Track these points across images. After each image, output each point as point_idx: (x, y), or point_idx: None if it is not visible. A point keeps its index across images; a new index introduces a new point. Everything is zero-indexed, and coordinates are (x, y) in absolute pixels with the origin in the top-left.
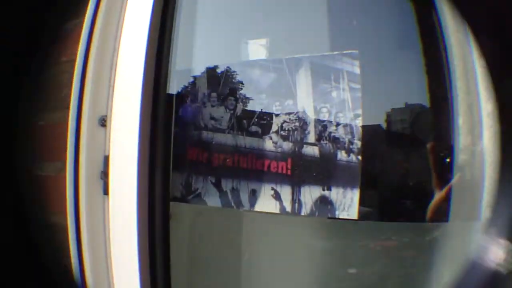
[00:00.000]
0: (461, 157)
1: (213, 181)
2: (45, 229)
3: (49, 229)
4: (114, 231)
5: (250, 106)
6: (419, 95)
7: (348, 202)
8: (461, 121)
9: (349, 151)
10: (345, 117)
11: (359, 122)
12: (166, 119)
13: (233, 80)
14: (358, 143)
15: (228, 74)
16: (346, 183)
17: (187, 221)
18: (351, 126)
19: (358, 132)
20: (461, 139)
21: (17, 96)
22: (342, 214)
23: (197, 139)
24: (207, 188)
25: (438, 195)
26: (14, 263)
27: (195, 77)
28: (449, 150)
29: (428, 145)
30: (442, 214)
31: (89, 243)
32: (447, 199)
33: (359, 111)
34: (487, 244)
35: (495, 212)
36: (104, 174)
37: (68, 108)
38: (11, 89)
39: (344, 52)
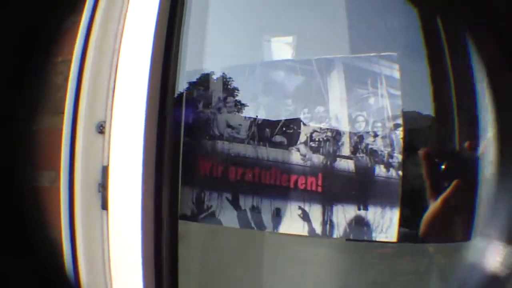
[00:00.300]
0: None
1: (230, 198)
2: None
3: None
4: (114, 250)
5: (274, 113)
6: (467, 103)
7: (386, 223)
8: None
9: (388, 166)
10: (383, 127)
11: (399, 133)
12: (175, 127)
13: (254, 83)
14: (398, 157)
15: (248, 76)
16: (385, 202)
17: (198, 243)
18: (390, 138)
19: (399, 144)
20: (493, 151)
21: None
22: (379, 237)
23: (210, 150)
24: (222, 206)
25: (433, 207)
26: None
27: (208, 79)
28: (447, 157)
29: (421, 152)
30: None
31: (86, 265)
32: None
33: (400, 121)
34: (486, 246)
35: (494, 214)
36: (103, 187)
37: (62, 112)
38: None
39: (382, 54)
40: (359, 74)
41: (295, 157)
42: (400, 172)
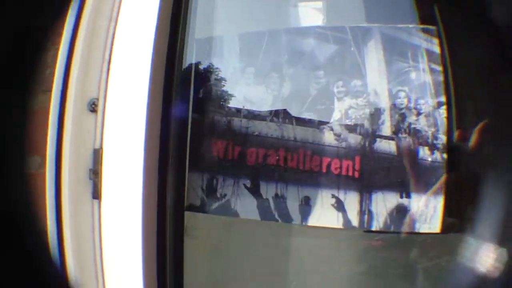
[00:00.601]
0: None
1: (249, 184)
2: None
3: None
4: (108, 247)
5: (303, 86)
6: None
7: (430, 212)
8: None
9: (432, 148)
10: (427, 105)
11: (443, 112)
12: (182, 102)
13: (278, 51)
14: (442, 138)
15: (271, 43)
16: (429, 189)
17: (209, 239)
18: (434, 116)
19: (443, 124)
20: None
21: None
22: (423, 228)
23: (225, 129)
24: (239, 194)
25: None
26: None
27: (223, 46)
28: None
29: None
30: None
31: (74, 262)
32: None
33: (443, 98)
34: (477, 248)
35: (484, 215)
36: (94, 173)
37: (50, 90)
38: None
39: (421, 26)
40: (398, 46)
41: (328, 137)
42: (445, 155)
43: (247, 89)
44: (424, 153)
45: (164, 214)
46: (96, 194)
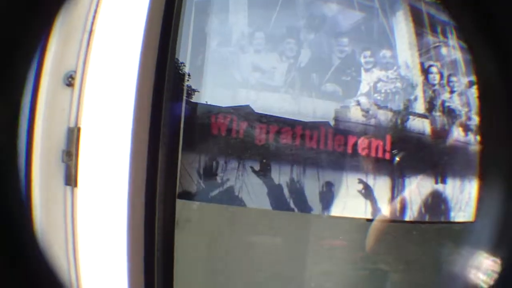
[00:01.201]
0: None
1: (257, 168)
2: None
3: None
4: (85, 241)
5: (323, 54)
6: None
7: (465, 199)
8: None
9: (466, 129)
10: (459, 83)
11: (474, 92)
12: (177, 71)
13: (295, 15)
14: (475, 119)
15: (286, 5)
16: (464, 173)
17: (205, 233)
18: (466, 95)
19: (474, 104)
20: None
21: None
22: (458, 216)
23: (228, 102)
24: (245, 180)
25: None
26: None
27: (228, 8)
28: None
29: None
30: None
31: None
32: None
33: (473, 78)
34: (468, 258)
35: (477, 225)
36: (67, 155)
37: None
38: None
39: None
40: (427, 20)
41: (354, 112)
42: (478, 137)
43: (257, 56)
44: (458, 134)
45: (153, 203)
46: (69, 179)
